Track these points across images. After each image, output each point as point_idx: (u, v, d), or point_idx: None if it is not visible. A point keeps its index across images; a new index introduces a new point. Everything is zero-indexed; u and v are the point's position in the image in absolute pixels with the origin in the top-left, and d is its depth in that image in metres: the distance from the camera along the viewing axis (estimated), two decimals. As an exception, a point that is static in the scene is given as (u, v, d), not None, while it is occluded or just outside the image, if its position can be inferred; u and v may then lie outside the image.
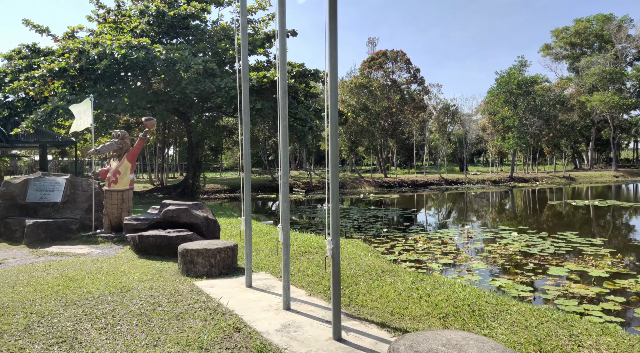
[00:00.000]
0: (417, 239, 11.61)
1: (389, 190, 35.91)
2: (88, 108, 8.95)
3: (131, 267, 6.42)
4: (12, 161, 50.68)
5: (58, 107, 15.37)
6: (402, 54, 37.37)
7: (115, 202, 8.50)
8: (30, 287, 5.38)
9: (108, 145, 8.51)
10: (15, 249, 7.89)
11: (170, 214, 7.44)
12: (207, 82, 16.73)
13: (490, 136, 43.10)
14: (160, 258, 6.97)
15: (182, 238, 6.89)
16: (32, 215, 8.85)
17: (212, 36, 19.82)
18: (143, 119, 8.32)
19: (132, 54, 15.43)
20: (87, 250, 7.68)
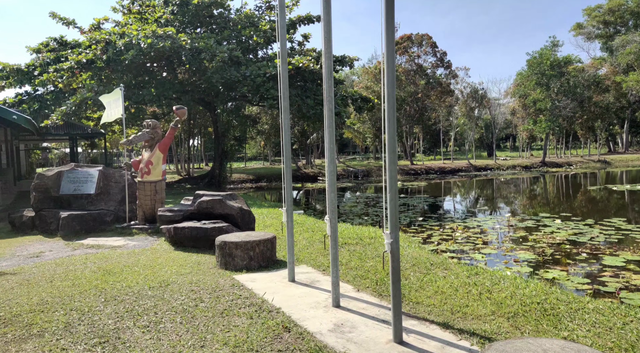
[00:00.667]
0: (455, 228, 11.18)
1: (415, 177, 35.26)
2: (118, 98, 8.81)
3: (168, 259, 6.27)
4: (43, 154, 52.05)
5: (86, 98, 15.42)
6: (427, 37, 36.32)
7: (148, 193, 8.38)
8: (69, 281, 5.27)
9: (140, 135, 8.36)
10: (50, 241, 7.87)
11: (204, 205, 7.25)
12: (233, 70, 16.50)
13: (521, 120, 41.73)
14: (196, 250, 6.80)
15: (218, 230, 6.69)
16: (66, 207, 8.83)
17: (236, 24, 19.53)
18: (174, 108, 8.13)
19: (157, 43, 15.30)
20: (123, 242, 7.59)
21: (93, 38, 16.72)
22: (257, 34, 18.26)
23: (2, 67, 19.52)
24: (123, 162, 8.43)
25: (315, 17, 19.19)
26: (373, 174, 35.81)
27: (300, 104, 16.62)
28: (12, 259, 6.57)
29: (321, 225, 8.59)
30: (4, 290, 4.96)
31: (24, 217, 8.61)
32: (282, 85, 4.85)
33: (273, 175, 35.20)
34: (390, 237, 3.21)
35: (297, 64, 16.31)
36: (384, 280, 4.82)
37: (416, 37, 36.54)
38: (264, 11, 21.06)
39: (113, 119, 9.00)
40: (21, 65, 19.54)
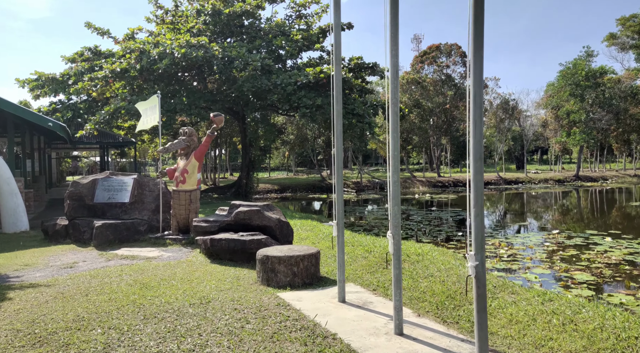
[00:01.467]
0: (496, 244, 10.58)
1: (443, 189, 34.45)
2: (155, 106, 8.67)
3: (205, 273, 5.96)
4: (73, 162, 53.29)
5: (120, 107, 15.51)
6: (457, 47, 35.74)
7: (183, 203, 8.14)
8: (105, 295, 5.00)
9: (176, 143, 8.17)
10: (84, 251, 7.69)
11: (241, 216, 6.95)
12: (264, 79, 16.36)
13: (553, 132, 40.46)
14: (233, 263, 6.48)
15: (257, 243, 6.36)
16: (100, 215, 8.68)
17: (267, 33, 19.49)
18: (212, 115, 7.91)
19: (191, 53, 15.30)
20: (157, 253, 7.34)
21: (127, 47, 16.89)
22: (288, 43, 18.13)
23: (38, 76, 19.96)
24: (158, 171, 8.25)
25: (346, 25, 18.97)
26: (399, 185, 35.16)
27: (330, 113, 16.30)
28: (46, 270, 6.38)
29: (359, 238, 8.17)
30: (38, 304, 4.72)
31: (57, 226, 8.48)
32: (335, 90, 4.52)
33: (298, 185, 34.97)
34: (476, 259, 2.79)
35: (329, 72, 16.05)
36: (445, 303, 4.37)
37: (445, 47, 36.00)
38: (293, 20, 21.00)
39: (149, 126, 8.86)
40: (56, 75, 19.93)
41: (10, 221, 9.70)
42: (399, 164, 3.73)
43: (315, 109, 15.95)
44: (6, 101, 10.09)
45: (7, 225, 9.70)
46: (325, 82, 16.15)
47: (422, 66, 36.16)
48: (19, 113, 9.92)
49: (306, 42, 18.74)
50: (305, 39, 18.72)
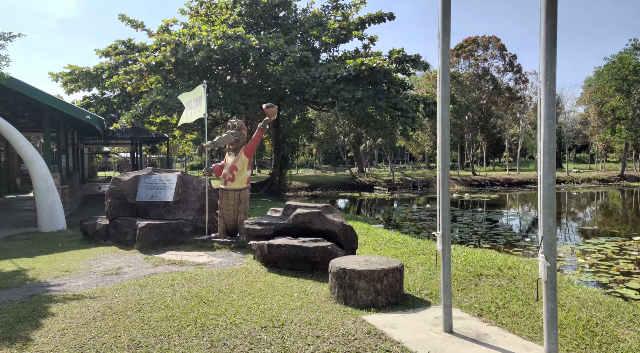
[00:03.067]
0: (569, 251, 9.54)
1: (479, 188, 33.09)
2: (201, 97, 8.00)
3: (266, 284, 5.23)
4: (104, 158, 53.89)
5: (156, 101, 15.01)
6: (495, 39, 34.20)
7: (231, 203, 7.45)
8: (159, 311, 4.32)
9: (224, 137, 7.47)
10: (127, 254, 7.09)
11: (300, 219, 6.18)
12: (302, 71, 15.60)
13: (596, 129, 38.43)
14: (294, 273, 5.73)
15: (322, 251, 5.59)
16: (142, 215, 8.08)
17: (303, 24, 18.72)
18: (264, 106, 7.17)
19: (228, 44, 14.67)
20: (206, 259, 6.66)
21: (163, 39, 16.39)
22: (325, 33, 17.31)
23: (72, 70, 19.70)
24: (204, 168, 7.58)
25: (387, 15, 18.01)
26: (433, 184, 33.95)
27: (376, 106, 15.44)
28: (89, 276, 5.76)
29: (427, 245, 7.31)
30: (85, 322, 4.06)
31: (98, 226, 7.92)
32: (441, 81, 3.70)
33: (328, 183, 34.15)
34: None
35: (370, 64, 15.16)
36: (583, 338, 3.49)
37: (482, 40, 34.49)
38: (330, 11, 20.16)
39: (194, 119, 8.20)
40: (90, 69, 19.64)
41: (47, 220, 9.22)
42: (554, 166, 2.87)
43: (355, 103, 15.09)
44: (43, 93, 9.64)
45: (44, 223, 9.23)
46: (366, 75, 15.26)
47: (458, 60, 34.77)
48: (57, 105, 9.46)
49: (344, 31, 17.86)
50: (343, 29, 17.85)
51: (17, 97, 10.06)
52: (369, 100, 15.30)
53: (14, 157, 23.88)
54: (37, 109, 14.04)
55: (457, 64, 35.09)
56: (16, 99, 10.25)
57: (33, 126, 20.45)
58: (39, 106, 11.45)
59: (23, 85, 9.16)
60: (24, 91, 9.10)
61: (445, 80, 3.69)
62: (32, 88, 9.40)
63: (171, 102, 15.28)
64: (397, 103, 15.83)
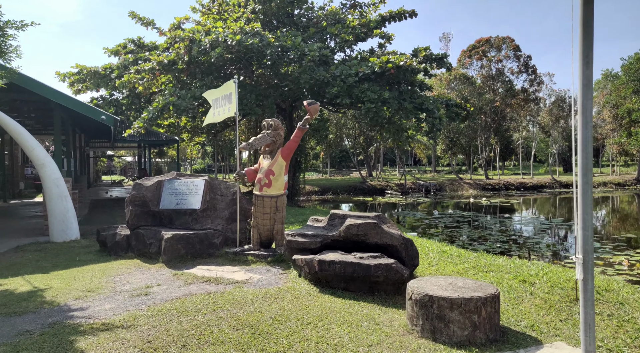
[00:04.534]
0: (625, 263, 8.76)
1: (494, 193, 32.29)
2: (231, 93, 7.24)
3: (323, 310, 4.46)
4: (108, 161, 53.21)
5: (169, 103, 14.26)
6: (509, 40, 33.45)
7: (267, 211, 6.68)
8: (209, 347, 3.56)
9: (260, 138, 6.72)
10: (152, 269, 6.32)
11: (354, 231, 5.42)
12: (322, 70, 14.85)
13: (610, 132, 37.63)
14: (350, 295, 4.96)
15: (386, 270, 4.82)
16: (166, 224, 7.32)
17: (320, 21, 18.00)
18: (305, 103, 6.42)
19: (246, 39, 13.92)
20: (243, 275, 5.89)
21: (177, 35, 15.64)
22: (344, 31, 16.57)
23: (79, 70, 19.00)
24: (235, 172, 6.83)
25: (409, 12, 17.27)
26: (446, 188, 33.16)
27: (398, 107, 14.68)
28: (115, 298, 5.00)
29: (489, 260, 6.52)
30: (124, 363, 3.31)
31: (118, 236, 7.16)
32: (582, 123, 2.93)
33: (338, 187, 33.35)
34: None
35: (397, 62, 14.40)
36: None
37: (495, 40, 33.74)
38: (347, 10, 19.44)
39: (222, 118, 7.44)
40: (98, 68, 18.95)
41: (59, 228, 8.47)
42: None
43: (381, 103, 14.33)
44: (57, 91, 8.90)
45: (55, 233, 8.48)
46: (393, 73, 14.50)
47: (470, 61, 34.02)
48: (70, 105, 8.73)
49: (364, 29, 17.12)
50: (363, 26, 17.11)
51: (25, 95, 9.34)
52: (394, 101, 14.54)
53: (18, 160, 23.17)
54: (44, 109, 13.31)
55: (469, 66, 34.34)
56: (24, 97, 9.53)
57: (39, 128, 19.74)
58: (48, 105, 10.70)
59: (34, 82, 8.43)
60: (35, 89, 8.38)
61: (587, 119, 2.91)
62: (45, 86, 8.67)
63: (184, 103, 14.53)
64: (422, 103, 15.07)
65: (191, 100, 14.54)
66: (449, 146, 35.23)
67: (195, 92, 14.69)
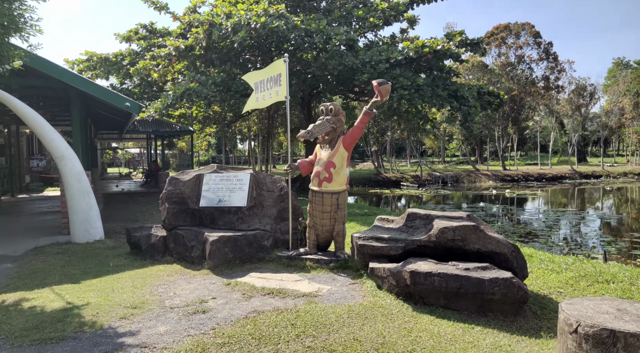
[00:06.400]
0: None
1: (513, 184, 31.33)
2: (280, 75, 6.31)
3: (435, 338, 3.59)
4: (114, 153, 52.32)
5: (189, 89, 13.31)
6: (529, 26, 32.28)
7: (327, 209, 5.79)
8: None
9: (319, 125, 5.80)
10: (198, 276, 5.45)
11: (449, 235, 4.52)
12: (350, 55, 13.87)
13: (630, 121, 36.55)
14: (455, 315, 4.08)
15: (504, 286, 3.92)
16: (207, 224, 6.44)
17: (344, 4, 16.98)
18: (375, 83, 5.48)
19: (272, 22, 12.94)
20: (308, 286, 5.01)
21: (195, 19, 14.66)
22: (372, 14, 15.55)
23: (89, 57, 18.07)
24: (287, 164, 5.92)
25: (439, -6, 16.22)
26: (464, 179, 32.23)
27: (432, 94, 13.73)
28: (167, 317, 4.13)
29: (599, 267, 5.63)
30: None
31: (153, 238, 6.29)
32: None
33: (353, 179, 32.28)
34: None
35: (434, 47, 13.42)
36: None
37: (515, 26, 32.56)
38: (369, -8, 18.38)
39: (269, 103, 6.52)
40: (109, 55, 18.01)
41: (81, 228, 7.60)
42: None
43: (415, 91, 13.38)
44: (77, 76, 7.97)
45: (77, 232, 7.61)
46: (429, 58, 13.52)
47: (489, 48, 32.85)
48: (92, 90, 7.81)
49: (393, 12, 16.10)
50: (392, 9, 16.09)
51: (40, 80, 8.41)
52: (427, 88, 13.58)
53: (23, 152, 22.29)
54: (55, 97, 12.39)
55: (488, 53, 33.19)
56: (39, 83, 8.61)
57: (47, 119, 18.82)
58: (60, 93, 9.79)
59: (53, 66, 7.51)
60: (54, 73, 7.46)
61: None
62: (65, 70, 7.74)
63: (205, 90, 13.60)
64: (457, 90, 14.10)
65: (212, 87, 13.61)
66: (465, 136, 34.21)
67: (216, 78, 13.75)
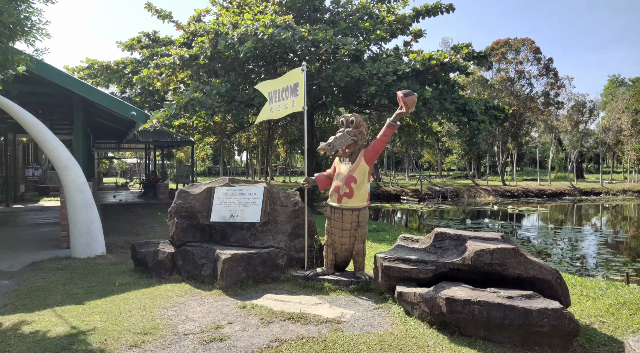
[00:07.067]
0: None
1: (513, 199, 31.15)
2: (298, 83, 6.04)
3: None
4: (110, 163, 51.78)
5: (193, 99, 13.03)
6: (529, 42, 32.44)
7: (347, 227, 5.47)
8: None
9: (340, 137, 5.51)
10: (210, 298, 5.09)
11: (486, 259, 4.21)
12: (357, 67, 13.68)
13: (629, 138, 36.66)
14: (497, 348, 3.74)
15: (555, 317, 3.59)
16: (217, 240, 6.09)
17: (349, 16, 16.87)
18: (400, 93, 5.21)
19: (279, 33, 12.74)
20: (330, 310, 4.66)
21: (201, 28, 14.44)
22: (378, 26, 15.41)
23: (90, 64, 17.78)
24: (303, 179, 5.61)
25: (445, 7, 16.13)
26: (464, 194, 32.02)
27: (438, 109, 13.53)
28: (182, 344, 3.77)
29: (628, 290, 5.33)
30: None
31: (160, 254, 5.93)
32: None
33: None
34: None
35: (441, 59, 13.25)
36: None
37: (514, 42, 32.72)
38: (375, 3, 18.31)
39: (285, 114, 6.23)
40: (110, 63, 17.74)
41: (82, 242, 7.22)
42: None
43: (422, 104, 13.18)
44: (82, 83, 7.65)
45: (78, 247, 7.23)
46: (437, 70, 13.35)
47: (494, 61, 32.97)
48: (97, 98, 7.50)
49: (399, 25, 15.98)
50: (399, 22, 15.97)
51: (43, 87, 8.09)
52: (435, 102, 13.39)
53: (18, 161, 21.85)
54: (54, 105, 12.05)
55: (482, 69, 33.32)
56: (42, 90, 8.28)
57: (45, 127, 18.45)
58: (62, 100, 9.47)
59: (57, 72, 7.20)
60: (57, 80, 7.15)
61: None
62: (70, 77, 7.43)
63: (209, 101, 13.33)
64: (465, 104, 13.92)
65: (216, 97, 13.34)
66: (465, 151, 34.10)
67: (221, 88, 13.50)
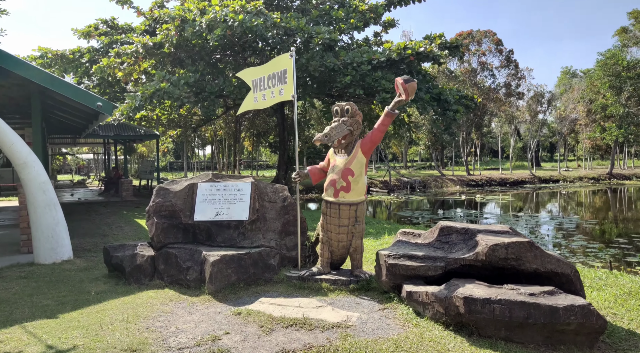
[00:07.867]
0: None
1: (478, 188, 31.91)
2: (286, 70, 5.62)
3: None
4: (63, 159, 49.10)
5: (160, 90, 12.29)
6: (491, 34, 33.12)
7: (344, 222, 5.15)
8: None
9: (336, 127, 5.16)
10: (199, 304, 4.65)
11: (501, 254, 4.00)
12: (331, 56, 13.34)
13: (584, 127, 38.30)
14: (520, 349, 3.54)
15: (582, 314, 3.41)
16: (202, 241, 5.62)
17: (320, 4, 16.47)
18: (400, 80, 4.91)
19: (250, 20, 12.17)
20: (333, 313, 4.33)
21: (165, 14, 13.62)
22: (353, 15, 15.11)
23: (42, 53, 16.53)
24: (294, 172, 5.25)
25: (417, -4, 16.01)
26: (431, 184, 32.47)
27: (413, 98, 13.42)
28: (181, 363, 3.34)
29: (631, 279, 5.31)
30: None
31: (139, 258, 5.40)
32: None
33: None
34: None
35: (416, 48, 13.11)
36: None
37: (477, 34, 33.31)
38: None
39: (271, 104, 5.81)
40: (65, 51, 16.55)
41: (47, 246, 6.55)
42: None
43: (397, 94, 13.03)
44: (43, 71, 6.87)
45: (43, 251, 6.55)
46: (412, 60, 13.20)
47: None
48: (57, 87, 6.75)
49: (372, 14, 15.72)
50: (372, 11, 15.71)
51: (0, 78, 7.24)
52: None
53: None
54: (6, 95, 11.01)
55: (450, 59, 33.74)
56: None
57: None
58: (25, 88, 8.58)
59: (12, 58, 6.41)
60: (13, 67, 6.36)
61: None
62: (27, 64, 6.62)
63: (177, 91, 12.63)
64: (440, 93, 13.88)
65: (184, 87, 12.64)
66: (432, 141, 34.58)
67: (189, 78, 12.81)
